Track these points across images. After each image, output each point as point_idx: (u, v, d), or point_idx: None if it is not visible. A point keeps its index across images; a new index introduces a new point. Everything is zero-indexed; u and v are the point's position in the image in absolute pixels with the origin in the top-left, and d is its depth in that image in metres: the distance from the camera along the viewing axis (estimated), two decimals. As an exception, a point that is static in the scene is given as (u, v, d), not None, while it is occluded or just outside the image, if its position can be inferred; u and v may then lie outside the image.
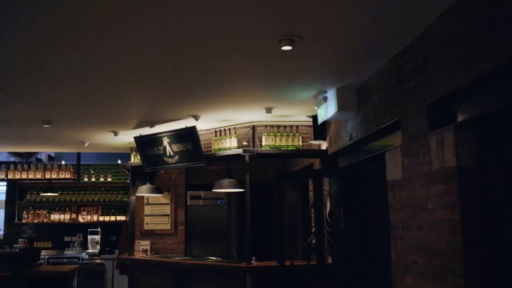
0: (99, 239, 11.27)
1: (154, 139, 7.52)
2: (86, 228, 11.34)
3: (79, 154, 10.29)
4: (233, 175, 7.36)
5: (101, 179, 11.46)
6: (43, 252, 11.19)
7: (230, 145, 7.12)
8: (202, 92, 5.83)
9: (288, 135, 7.06)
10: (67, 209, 11.50)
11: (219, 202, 9.73)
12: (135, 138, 7.76)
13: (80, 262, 10.94)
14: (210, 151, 7.40)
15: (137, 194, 8.44)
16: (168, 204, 9.30)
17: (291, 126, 7.13)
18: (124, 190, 11.46)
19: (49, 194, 10.59)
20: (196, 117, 6.83)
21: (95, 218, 11.46)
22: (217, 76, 5.16)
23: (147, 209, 9.25)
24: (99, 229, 11.28)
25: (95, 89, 5.66)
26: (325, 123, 6.98)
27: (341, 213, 6.57)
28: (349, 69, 5.00)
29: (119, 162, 10.83)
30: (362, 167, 6.00)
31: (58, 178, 10.12)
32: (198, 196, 9.70)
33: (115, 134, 7.91)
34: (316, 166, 7.64)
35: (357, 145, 5.83)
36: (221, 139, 7.23)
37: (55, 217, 11.40)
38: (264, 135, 7.04)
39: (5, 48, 4.25)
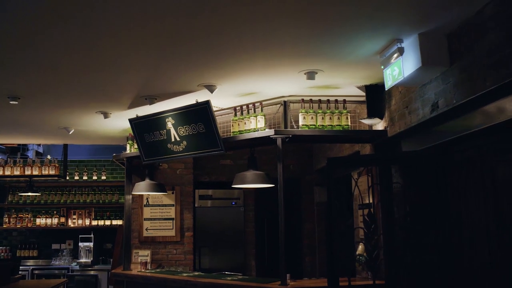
0: (92, 247, 9.31)
1: (155, 121, 5.58)
2: (77, 234, 9.42)
3: (65, 146, 8.31)
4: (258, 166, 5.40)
5: (94, 177, 9.53)
6: (28, 262, 9.38)
7: (255, 126, 5.17)
8: (219, 51, 3.96)
9: (332, 113, 5.11)
10: (55, 212, 9.58)
11: (233, 203, 7.77)
12: (131, 120, 5.80)
13: (70, 273, 9.07)
14: (229, 135, 5.45)
15: (133, 193, 6.45)
16: (172, 205, 7.34)
17: (336, 101, 5.18)
18: (121, 190, 9.52)
19: (29, 194, 8.60)
20: (211, 88, 4.88)
21: (87, 222, 9.54)
22: (239, 25, 3.38)
23: (147, 212, 7.29)
24: (91, 235, 9.33)
25: (75, 50, 3.80)
26: (382, 95, 5.05)
27: (406, 217, 4.62)
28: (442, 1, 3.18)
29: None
30: (454, 150, 4.05)
31: (40, 174, 8.14)
32: (208, 196, 7.73)
33: (106, 116, 5.95)
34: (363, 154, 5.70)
35: (445, 118, 3.90)
36: (242, 118, 5.27)
37: (41, 221, 9.48)
38: (302, 112, 5.09)
39: None
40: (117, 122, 6.48)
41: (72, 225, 9.54)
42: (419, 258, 4.26)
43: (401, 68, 3.89)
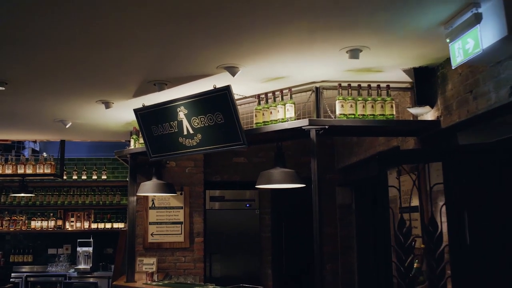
0: (91, 252, 8.49)
1: (165, 111, 4.74)
2: (75, 238, 8.57)
3: (62, 143, 7.46)
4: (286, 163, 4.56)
5: (94, 177, 8.69)
6: (22, 269, 8.56)
7: (283, 116, 4.33)
8: (245, 23, 3.16)
9: (375, 100, 4.28)
10: (51, 214, 8.75)
11: (247, 205, 6.93)
12: (136, 111, 4.97)
13: (68, 281, 8.25)
14: (250, 127, 4.62)
15: (138, 194, 5.61)
16: (180, 208, 6.50)
17: (378, 86, 4.35)
18: (123, 191, 8.70)
19: (22, 195, 7.75)
20: (233, 70, 4.05)
21: (86, 225, 8.70)
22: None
23: (153, 215, 6.45)
24: (91, 239, 8.51)
25: (72, 24, 3.00)
26: (433, 80, 4.23)
27: (465, 224, 3.79)
28: None
29: (116, 154, 8.01)
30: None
31: (34, 174, 7.28)
32: (221, 197, 6.90)
33: (107, 105, 5.11)
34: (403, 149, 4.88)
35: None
36: (268, 107, 4.44)
37: (36, 224, 8.65)
38: (339, 99, 4.26)
39: None
40: (120, 114, 5.64)
41: (69, 229, 8.71)
42: (495, 275, 3.43)
43: (478, 39, 3.06)
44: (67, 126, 5.96)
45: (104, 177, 8.68)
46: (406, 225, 4.09)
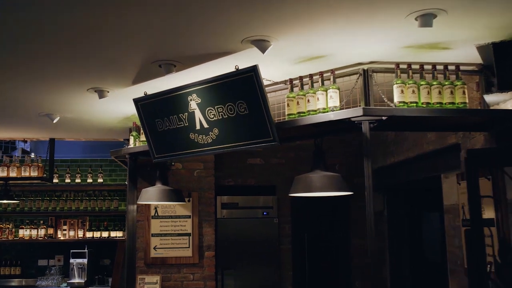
0: (86, 264, 7.54)
1: (172, 100, 3.77)
2: (67, 248, 7.60)
3: (52, 142, 6.45)
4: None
5: (89, 180, 7.71)
6: (9, 282, 7.67)
7: (325, 105, 3.36)
8: None
9: (442, 85, 3.31)
10: (41, 221, 7.77)
11: (265, 213, 5.96)
12: (137, 101, 4.00)
13: (60, 296, 7.27)
14: (281, 120, 3.64)
15: (140, 202, 4.63)
16: (188, 216, 5.53)
17: (446, 67, 3.38)
18: (121, 195, 7.75)
19: (4, 201, 6.77)
20: (263, 45, 3.08)
21: (80, 234, 7.71)
22: None
23: (156, 225, 5.48)
24: (85, 249, 7.54)
25: None
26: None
27: None
28: None
29: (114, 155, 7.01)
30: None
31: (19, 177, 6.29)
32: (234, 204, 5.92)
33: (101, 95, 4.12)
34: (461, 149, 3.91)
35: None
36: (304, 95, 3.46)
37: (24, 232, 7.67)
38: (397, 83, 3.28)
39: None
40: (118, 106, 4.67)
41: (62, 238, 7.73)
42: None
43: None
44: (54, 121, 4.97)
45: (100, 180, 7.71)
46: (480, 242, 3.13)
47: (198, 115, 3.67)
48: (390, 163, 5.55)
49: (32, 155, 6.73)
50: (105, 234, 7.66)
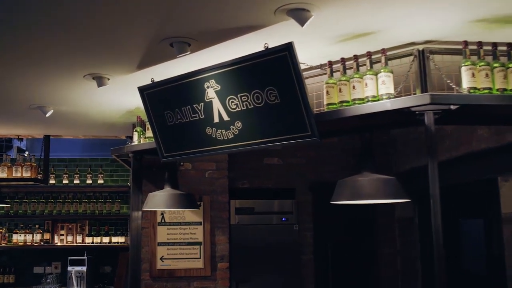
0: (85, 272, 6.93)
1: (185, 88, 3.12)
2: (65, 255, 6.96)
3: (47, 139, 5.80)
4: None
5: (89, 181, 7.09)
6: (2, 292, 7.03)
7: (375, 93, 2.71)
8: None
9: (521, 67, 2.67)
10: (37, 226, 7.14)
11: (284, 219, 5.31)
12: (142, 89, 3.35)
13: (57, 307, 6.68)
14: (320, 111, 2.99)
15: (146, 209, 3.96)
16: (199, 223, 4.89)
17: (525, 46, 2.74)
18: (123, 198, 7.15)
19: (-6, 205, 6.15)
20: (302, 16, 2.43)
21: (79, 239, 7.11)
22: None
23: (162, 233, 4.84)
24: (85, 256, 6.90)
25: None
26: None
27: None
28: None
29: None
30: None
31: (10, 178, 5.65)
32: (249, 209, 5.27)
33: (100, 83, 3.47)
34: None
35: None
36: (348, 80, 2.81)
37: (18, 237, 7.07)
38: (466, 64, 2.63)
39: None
40: (120, 96, 4.02)
41: (59, 243, 7.10)
42: None
43: None
44: (47, 115, 4.32)
45: (100, 181, 7.08)
46: None
47: (216, 105, 3.03)
48: (425, 164, 4.89)
49: (25, 154, 6.09)
50: (105, 239, 7.04)
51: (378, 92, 2.71)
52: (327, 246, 5.41)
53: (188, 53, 2.86)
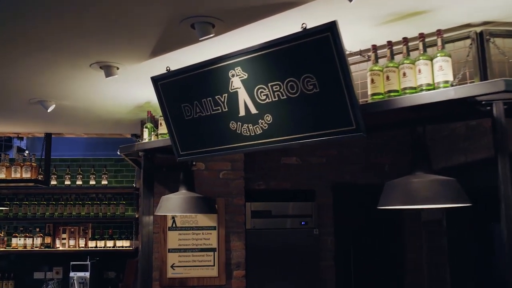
0: (88, 278, 6.58)
1: (205, 77, 2.74)
2: (67, 260, 6.59)
3: (48, 138, 5.41)
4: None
5: (92, 182, 6.73)
6: (0, 299, 6.71)
7: (430, 80, 2.34)
8: None
9: None
10: (37, 229, 6.79)
11: (303, 223, 4.92)
12: (156, 79, 2.97)
13: (58, 315, 6.33)
14: (364, 102, 2.60)
15: (159, 213, 3.56)
16: (213, 228, 4.50)
17: None
18: (128, 199, 6.79)
19: (-9, 208, 5.77)
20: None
21: (81, 243, 6.74)
22: None
23: (173, 239, 4.45)
24: (88, 261, 6.53)
25: None
26: None
27: None
28: None
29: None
30: None
31: (9, 179, 5.27)
32: (266, 212, 4.88)
33: (109, 72, 3.09)
34: None
35: None
36: (397, 66, 2.43)
37: (18, 241, 6.73)
38: (538, 47, 2.28)
39: None
40: (128, 89, 3.63)
41: (61, 248, 6.75)
42: None
43: None
44: (49, 110, 3.93)
45: (104, 182, 6.71)
46: None
47: (243, 96, 2.64)
48: (458, 163, 4.52)
49: (25, 154, 5.71)
50: (110, 243, 6.67)
51: (434, 79, 2.33)
52: (350, 251, 5.02)
53: (212, 35, 2.48)
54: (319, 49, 2.30)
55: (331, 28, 2.23)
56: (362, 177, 5.12)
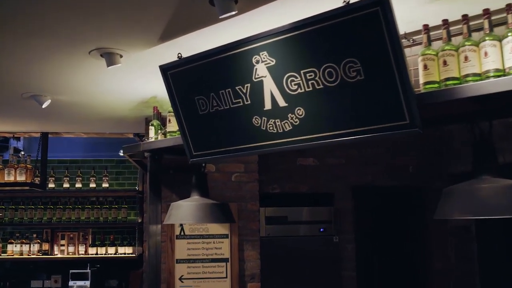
0: (89, 286, 6.22)
1: (224, 64, 2.34)
2: (66, 267, 6.22)
3: (45, 138, 5.01)
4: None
5: (92, 185, 6.34)
6: (-5, 310, 6.34)
7: (499, 65, 1.94)
8: None
9: None
10: (34, 235, 6.39)
11: (322, 230, 4.52)
12: (165, 68, 2.57)
13: (56, 326, 5.96)
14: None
15: (168, 222, 3.13)
16: (225, 236, 4.10)
17: None
18: (130, 203, 6.41)
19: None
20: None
21: (81, 250, 6.35)
22: None
23: (181, 248, 4.05)
24: (88, 269, 6.16)
25: None
26: None
27: None
28: None
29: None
30: None
31: (2, 182, 4.87)
32: (282, 218, 4.47)
33: (111, 61, 2.69)
34: None
35: None
36: (456, 49, 2.03)
37: (14, 248, 6.34)
38: None
39: None
40: (132, 81, 3.23)
41: (59, 255, 6.36)
42: None
43: None
44: (44, 106, 3.53)
45: (105, 185, 6.32)
46: None
47: (269, 86, 2.24)
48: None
49: (20, 155, 5.32)
50: (111, 250, 6.27)
51: (503, 64, 1.92)
52: (373, 261, 4.62)
53: (234, 12, 2.07)
54: (365, 27, 1.90)
55: (381, 2, 1.83)
56: (384, 179, 4.72)
